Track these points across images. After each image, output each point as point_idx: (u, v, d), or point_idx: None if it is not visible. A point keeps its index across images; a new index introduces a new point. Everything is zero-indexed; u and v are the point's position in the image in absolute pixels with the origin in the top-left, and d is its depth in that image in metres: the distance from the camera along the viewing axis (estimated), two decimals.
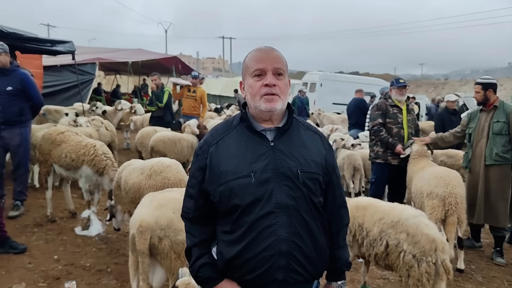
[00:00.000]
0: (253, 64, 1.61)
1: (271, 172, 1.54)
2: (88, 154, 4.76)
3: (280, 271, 1.52)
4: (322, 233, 1.65)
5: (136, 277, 2.93)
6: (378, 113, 5.10)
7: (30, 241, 4.51)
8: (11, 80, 4.99)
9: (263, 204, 1.52)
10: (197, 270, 1.64)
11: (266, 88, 1.57)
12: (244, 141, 1.61)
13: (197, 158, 1.67)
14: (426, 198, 4.20)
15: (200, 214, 1.67)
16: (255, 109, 1.61)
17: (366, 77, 23.80)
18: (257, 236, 1.51)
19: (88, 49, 17.84)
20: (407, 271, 2.80)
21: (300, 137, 1.65)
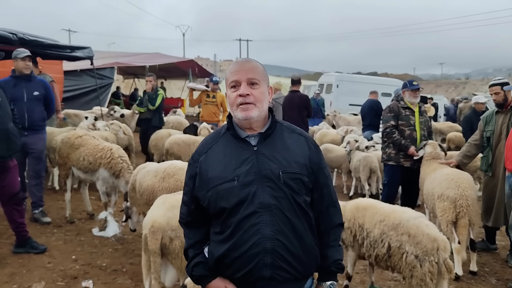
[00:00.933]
0: (229, 76, 1.73)
1: (254, 175, 1.63)
2: (104, 157, 4.90)
3: (266, 269, 1.59)
4: (309, 232, 1.70)
5: (148, 276, 3.03)
6: (390, 115, 5.09)
7: (50, 241, 4.67)
8: (36, 85, 5.06)
9: (247, 205, 1.61)
10: (192, 269, 1.76)
11: (240, 98, 1.68)
12: (229, 148, 1.72)
13: (189, 167, 1.80)
14: (437, 200, 4.18)
15: (192, 219, 1.81)
16: (235, 117, 1.73)
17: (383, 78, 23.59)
18: (243, 235, 1.60)
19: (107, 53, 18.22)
20: (410, 271, 2.82)
21: (283, 140, 1.74)
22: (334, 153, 7.71)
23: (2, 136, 3.89)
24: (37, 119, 5.06)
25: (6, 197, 4.16)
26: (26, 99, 4.92)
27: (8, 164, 4.05)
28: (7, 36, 5.92)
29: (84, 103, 12.98)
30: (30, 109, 4.96)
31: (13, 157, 4.11)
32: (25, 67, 4.92)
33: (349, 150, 7.21)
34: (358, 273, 4.13)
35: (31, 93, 4.98)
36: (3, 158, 3.95)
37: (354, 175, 7.16)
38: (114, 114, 9.64)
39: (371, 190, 6.90)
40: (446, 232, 4.02)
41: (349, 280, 3.60)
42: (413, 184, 5.04)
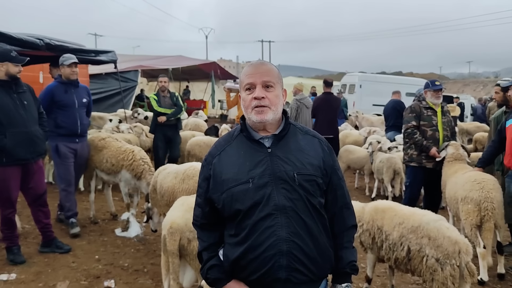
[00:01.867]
0: (244, 79, 1.73)
1: (268, 177, 1.63)
2: (127, 159, 5.00)
3: (282, 270, 1.59)
4: (324, 233, 1.70)
5: (167, 277, 3.07)
6: (412, 115, 5.00)
7: (74, 241, 4.78)
8: (83, 91, 5.08)
9: (262, 207, 1.61)
10: (207, 272, 1.76)
11: (255, 101, 1.68)
12: (243, 150, 1.72)
13: (203, 169, 1.81)
14: (461, 203, 4.06)
15: (206, 221, 1.80)
16: (249, 120, 1.73)
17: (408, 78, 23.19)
18: (258, 237, 1.60)
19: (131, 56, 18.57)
20: (431, 275, 2.76)
21: (297, 142, 1.74)
22: (355, 154, 7.62)
23: (25, 139, 3.98)
24: (85, 126, 5.11)
25: (32, 198, 4.28)
26: (77, 106, 4.93)
27: (32, 166, 4.15)
28: (34, 42, 6.10)
29: (109, 105, 13.25)
30: (81, 116, 4.97)
31: (37, 160, 4.20)
32: (71, 73, 4.91)
33: (371, 151, 7.11)
34: (379, 276, 4.07)
35: (80, 99, 4.99)
36: (26, 160, 4.04)
37: (377, 177, 7.06)
38: (138, 117, 9.79)
39: (394, 192, 6.78)
40: (470, 236, 3.91)
41: (369, 283, 3.55)
42: (436, 186, 4.92)
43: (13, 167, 3.99)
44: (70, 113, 4.84)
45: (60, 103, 4.81)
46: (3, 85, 3.92)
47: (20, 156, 3.97)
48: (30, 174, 4.15)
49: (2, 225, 4.15)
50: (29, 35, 6.53)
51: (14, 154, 3.92)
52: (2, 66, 3.91)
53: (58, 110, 4.82)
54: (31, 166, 4.14)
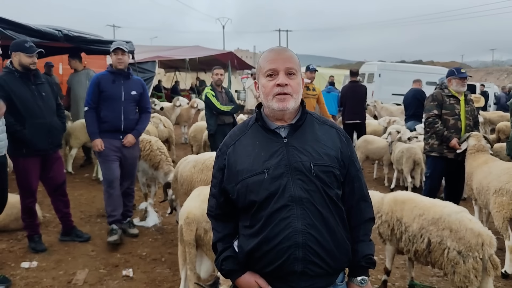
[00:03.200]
0: (265, 65, 1.66)
1: (284, 168, 1.59)
2: (144, 149, 5.02)
3: (298, 263, 1.56)
4: (341, 225, 1.66)
5: (184, 267, 3.07)
6: (434, 104, 4.86)
7: (94, 230, 4.85)
8: (134, 84, 4.55)
9: (277, 198, 1.57)
10: (221, 263, 1.74)
11: (278, 88, 1.62)
12: (258, 140, 1.68)
13: (217, 159, 1.77)
14: (494, 195, 3.94)
15: (221, 212, 1.77)
16: (268, 108, 1.67)
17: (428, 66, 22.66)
18: (273, 229, 1.57)
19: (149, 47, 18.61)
20: (452, 267, 2.69)
21: (313, 132, 1.69)
22: (374, 144, 7.51)
23: (43, 130, 4.02)
24: (133, 121, 4.54)
25: (51, 188, 4.35)
26: (123, 98, 4.44)
27: (51, 156, 4.21)
28: (53, 33, 6.16)
29: None
30: (126, 110, 4.45)
31: (55, 150, 4.26)
32: (118, 62, 4.42)
33: (390, 142, 6.99)
34: (398, 267, 4.01)
35: (129, 92, 4.47)
36: (44, 151, 4.10)
37: (396, 167, 6.95)
38: (154, 107, 9.87)
39: (415, 183, 6.66)
40: (501, 228, 3.82)
41: (388, 274, 3.49)
42: (458, 176, 4.81)
43: (33, 158, 4.05)
44: (114, 106, 4.39)
45: (105, 94, 4.37)
46: (22, 77, 3.96)
47: (39, 147, 4.03)
48: (49, 165, 4.21)
49: (23, 214, 4.24)
50: (48, 27, 6.60)
51: (33, 145, 3.98)
52: (15, 56, 3.94)
53: (103, 102, 4.39)
54: (50, 157, 4.20)
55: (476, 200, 4.52)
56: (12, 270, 3.84)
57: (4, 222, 4.64)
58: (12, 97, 3.83)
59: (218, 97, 5.92)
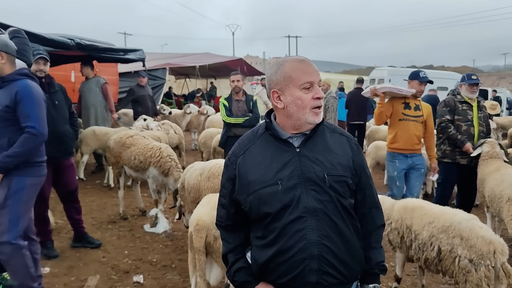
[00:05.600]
0: (301, 76, 1.62)
1: (297, 178, 1.58)
2: (154, 156, 5.06)
3: (312, 274, 1.54)
4: (355, 235, 1.65)
5: (194, 274, 3.08)
6: (446, 109, 4.82)
7: (105, 236, 4.89)
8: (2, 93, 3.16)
9: (292, 210, 1.56)
10: (233, 275, 1.72)
11: (317, 101, 1.61)
12: (269, 150, 1.65)
13: (227, 168, 1.74)
14: (507, 203, 3.88)
15: (231, 222, 1.75)
16: (298, 120, 1.63)
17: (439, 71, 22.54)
18: (288, 241, 1.55)
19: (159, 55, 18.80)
20: (464, 276, 2.66)
21: (325, 141, 1.67)
22: (385, 150, 7.44)
23: (55, 138, 4.00)
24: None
25: (64, 195, 4.40)
26: None
27: (64, 163, 4.26)
28: (65, 42, 6.27)
29: None
30: None
31: (67, 158, 4.30)
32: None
33: None
34: (409, 275, 3.97)
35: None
36: (55, 158, 4.10)
37: None
38: (163, 112, 10.03)
39: (426, 189, 6.60)
40: None
41: (398, 282, 3.47)
42: (470, 183, 4.75)
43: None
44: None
45: None
46: None
47: (51, 154, 4.02)
48: (61, 172, 4.26)
49: (36, 221, 4.28)
50: (61, 36, 6.72)
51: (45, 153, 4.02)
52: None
53: None
54: (62, 164, 4.24)
55: (488, 207, 4.46)
56: None
57: None
58: None
59: (231, 107, 5.44)
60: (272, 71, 1.68)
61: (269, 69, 1.71)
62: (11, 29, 3.76)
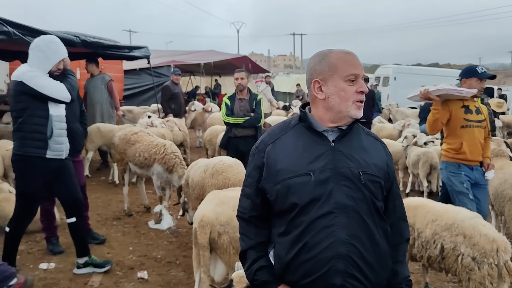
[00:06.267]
0: (347, 68, 1.57)
1: (330, 172, 1.51)
2: (158, 153, 5.09)
3: (338, 276, 1.46)
4: (384, 240, 1.57)
5: (199, 270, 3.10)
6: None
7: (110, 233, 4.92)
8: None
9: (322, 204, 1.49)
10: (254, 273, 1.62)
11: (360, 95, 1.57)
12: (302, 141, 1.59)
13: (254, 157, 1.66)
14: (509, 202, 3.88)
15: (256, 214, 1.66)
16: (339, 113, 1.57)
17: (445, 69, 22.41)
18: (315, 237, 1.48)
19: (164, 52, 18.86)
20: (467, 274, 2.66)
21: (360, 141, 1.62)
22: (390, 148, 7.20)
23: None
24: None
25: None
26: None
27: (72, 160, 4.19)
28: (71, 39, 6.27)
29: (143, 100, 13.55)
30: None
31: (76, 155, 4.32)
32: None
33: (406, 146, 6.93)
34: (413, 273, 3.97)
35: None
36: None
37: (412, 171, 6.88)
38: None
39: (431, 188, 6.58)
40: None
41: None
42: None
43: None
44: None
45: None
46: None
47: None
48: None
49: (42, 216, 4.33)
50: (66, 33, 6.74)
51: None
52: None
53: None
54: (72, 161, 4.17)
55: (492, 205, 4.45)
56: (30, 271, 3.92)
57: None
58: None
59: (233, 106, 5.22)
60: (315, 61, 1.63)
61: (312, 59, 1.65)
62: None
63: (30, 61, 3.53)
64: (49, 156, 3.52)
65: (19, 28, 5.61)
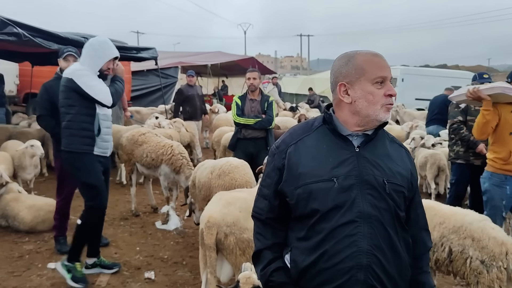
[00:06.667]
0: (375, 70, 1.51)
1: (354, 179, 1.46)
2: (166, 153, 5.11)
3: (358, 286, 1.42)
4: (405, 250, 1.53)
5: (205, 270, 3.11)
6: (458, 110, 4.77)
7: (117, 233, 4.95)
8: None
9: (345, 212, 1.44)
10: (271, 274, 1.57)
11: (389, 98, 1.51)
12: (326, 144, 1.53)
13: (274, 157, 1.60)
14: None
15: (273, 216, 1.61)
16: (366, 117, 1.51)
17: (453, 71, 22.29)
18: (336, 245, 1.43)
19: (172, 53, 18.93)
20: (475, 277, 2.63)
21: (385, 147, 1.57)
22: None
23: None
24: None
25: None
26: None
27: None
28: (79, 40, 6.33)
29: (150, 101, 13.62)
30: None
31: None
32: None
33: (413, 147, 6.89)
34: None
35: None
36: None
37: (419, 173, 6.83)
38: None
39: (439, 190, 6.54)
40: None
41: None
42: None
43: None
44: None
45: None
46: None
47: None
48: None
49: (57, 214, 4.39)
50: (75, 34, 6.80)
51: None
52: (59, 62, 4.17)
53: None
54: None
55: None
56: (39, 270, 3.95)
57: (31, 224, 4.80)
58: (54, 101, 3.96)
59: (244, 106, 5.10)
60: (341, 63, 1.56)
61: (337, 61, 1.59)
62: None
63: (82, 59, 3.66)
64: (96, 153, 3.64)
65: (29, 29, 5.67)
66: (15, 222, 4.82)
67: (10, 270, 3.93)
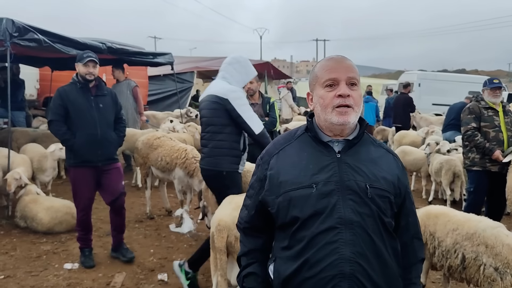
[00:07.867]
0: (323, 74, 1.51)
1: (335, 185, 1.43)
2: (180, 157, 5.16)
3: None
4: (394, 259, 1.47)
5: (216, 273, 3.14)
6: (471, 117, 4.71)
7: (132, 235, 5.02)
8: None
9: (324, 218, 1.40)
10: (243, 280, 1.62)
11: (339, 99, 1.47)
12: (306, 152, 1.52)
13: (257, 168, 1.62)
14: None
15: (249, 225, 1.65)
16: (325, 121, 1.50)
17: (471, 75, 21.90)
18: (317, 253, 1.39)
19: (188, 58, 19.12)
20: (489, 285, 2.60)
21: (369, 153, 1.53)
22: (412, 156, 7.35)
23: (93, 141, 3.94)
24: None
25: (108, 201, 4.23)
26: None
27: (106, 168, 4.09)
28: (97, 46, 6.47)
29: (166, 106, 13.76)
30: None
31: (106, 163, 4.09)
32: None
33: (428, 153, 6.82)
34: (434, 282, 3.91)
35: None
36: (91, 162, 3.99)
37: (434, 179, 6.76)
38: (190, 115, 10.17)
39: (454, 196, 6.45)
40: None
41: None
42: (501, 190, 4.61)
43: (83, 169, 3.99)
44: None
45: None
46: (82, 87, 3.98)
47: (86, 158, 3.95)
48: (104, 177, 4.10)
49: (77, 226, 4.23)
50: (94, 40, 6.96)
51: (80, 156, 3.93)
52: (76, 67, 3.97)
53: None
54: (104, 169, 4.09)
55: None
56: (56, 271, 4.04)
57: (49, 225, 4.91)
58: (68, 107, 3.90)
59: None
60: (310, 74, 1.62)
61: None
62: None
63: (229, 75, 3.53)
64: (240, 171, 3.61)
65: (49, 35, 5.82)
66: (34, 223, 4.94)
67: (28, 270, 4.03)
